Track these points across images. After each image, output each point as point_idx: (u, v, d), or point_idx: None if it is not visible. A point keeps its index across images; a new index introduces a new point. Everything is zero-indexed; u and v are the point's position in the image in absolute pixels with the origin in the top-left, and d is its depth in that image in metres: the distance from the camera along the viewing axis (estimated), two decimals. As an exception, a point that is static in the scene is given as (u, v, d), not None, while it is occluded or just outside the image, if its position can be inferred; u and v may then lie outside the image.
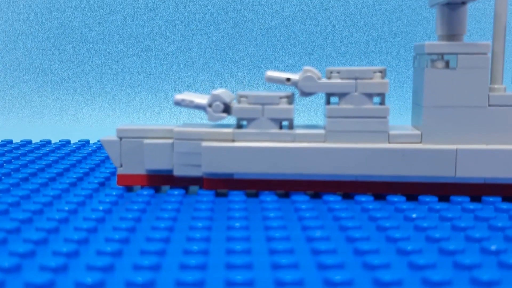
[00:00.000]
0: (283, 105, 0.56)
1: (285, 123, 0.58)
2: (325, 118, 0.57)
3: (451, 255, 0.40)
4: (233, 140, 0.56)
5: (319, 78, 0.56)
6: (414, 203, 0.53)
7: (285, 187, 0.56)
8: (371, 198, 0.54)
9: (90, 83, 1.19)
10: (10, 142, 0.84)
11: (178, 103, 0.57)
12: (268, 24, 1.19)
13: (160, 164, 0.57)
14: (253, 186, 0.56)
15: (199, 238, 0.42)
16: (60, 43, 1.19)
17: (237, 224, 0.45)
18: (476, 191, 0.55)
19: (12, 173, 0.64)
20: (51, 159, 0.71)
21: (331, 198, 0.54)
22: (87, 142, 0.86)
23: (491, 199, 0.54)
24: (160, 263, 0.37)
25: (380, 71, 0.56)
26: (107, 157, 0.74)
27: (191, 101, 0.57)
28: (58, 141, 0.87)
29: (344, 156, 0.55)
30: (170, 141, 0.57)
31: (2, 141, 0.84)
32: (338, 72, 0.55)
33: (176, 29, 1.19)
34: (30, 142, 0.85)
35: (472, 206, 0.51)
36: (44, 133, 1.00)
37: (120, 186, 0.58)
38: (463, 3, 0.55)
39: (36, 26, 1.19)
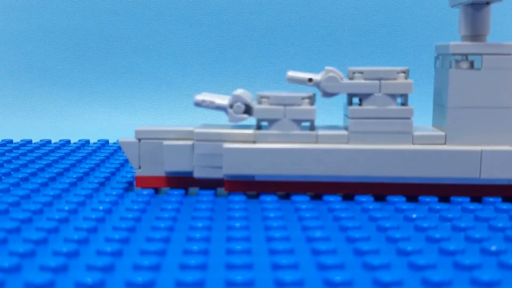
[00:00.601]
0: (305, 106, 0.55)
1: (304, 123, 0.57)
2: (345, 119, 0.57)
3: (451, 255, 0.40)
4: (254, 142, 0.55)
5: (341, 79, 0.55)
6: (414, 203, 0.53)
7: (307, 189, 0.55)
8: (371, 198, 0.54)
9: (90, 83, 1.19)
10: (10, 141, 0.84)
11: (198, 104, 0.56)
12: (268, 24, 1.19)
13: (180, 166, 0.56)
14: (275, 188, 0.55)
15: (199, 238, 0.42)
16: (60, 43, 1.19)
17: (237, 224, 0.45)
18: (501, 192, 0.55)
19: (12, 172, 0.64)
20: (51, 158, 0.71)
21: (331, 198, 0.54)
22: (87, 141, 0.86)
23: (491, 199, 0.54)
24: (160, 263, 0.37)
25: (404, 72, 0.55)
26: (107, 157, 0.74)
27: (212, 102, 0.55)
28: (58, 140, 0.87)
29: (367, 157, 0.54)
30: (190, 142, 0.56)
31: (2, 140, 0.84)
32: (361, 73, 0.55)
33: (176, 29, 1.19)
34: (30, 141, 0.85)
35: (472, 206, 0.51)
36: (44, 132, 1.00)
37: (121, 186, 0.58)
38: (487, 3, 0.54)
39: (36, 26, 1.19)
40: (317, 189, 0.55)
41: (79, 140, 0.87)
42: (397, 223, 0.46)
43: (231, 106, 0.55)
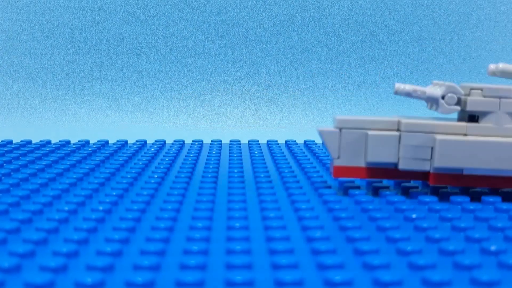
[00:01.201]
0: None
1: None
2: None
3: (451, 255, 0.40)
4: (465, 134, 0.54)
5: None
6: (414, 203, 0.53)
7: None
8: (371, 198, 0.54)
9: (90, 83, 1.19)
10: (10, 142, 0.84)
11: (408, 94, 0.55)
12: (268, 24, 1.20)
13: (383, 157, 0.55)
14: (482, 183, 0.55)
15: (199, 238, 0.42)
16: (60, 43, 1.19)
17: (237, 224, 0.45)
18: None
19: (12, 173, 0.64)
20: (51, 159, 0.71)
21: (331, 198, 0.54)
22: (87, 142, 0.86)
23: (491, 199, 0.54)
24: (160, 263, 0.37)
25: None
26: (107, 157, 0.74)
27: (423, 92, 0.54)
28: (58, 141, 0.87)
29: None
30: (395, 133, 0.55)
31: (2, 141, 0.84)
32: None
33: (176, 29, 1.19)
34: (30, 142, 0.85)
35: (472, 206, 0.51)
36: (44, 133, 1.00)
37: (121, 186, 0.58)
38: None
39: (36, 26, 1.19)
40: None
41: (79, 141, 0.87)
42: (397, 223, 0.46)
43: (443, 96, 0.54)
